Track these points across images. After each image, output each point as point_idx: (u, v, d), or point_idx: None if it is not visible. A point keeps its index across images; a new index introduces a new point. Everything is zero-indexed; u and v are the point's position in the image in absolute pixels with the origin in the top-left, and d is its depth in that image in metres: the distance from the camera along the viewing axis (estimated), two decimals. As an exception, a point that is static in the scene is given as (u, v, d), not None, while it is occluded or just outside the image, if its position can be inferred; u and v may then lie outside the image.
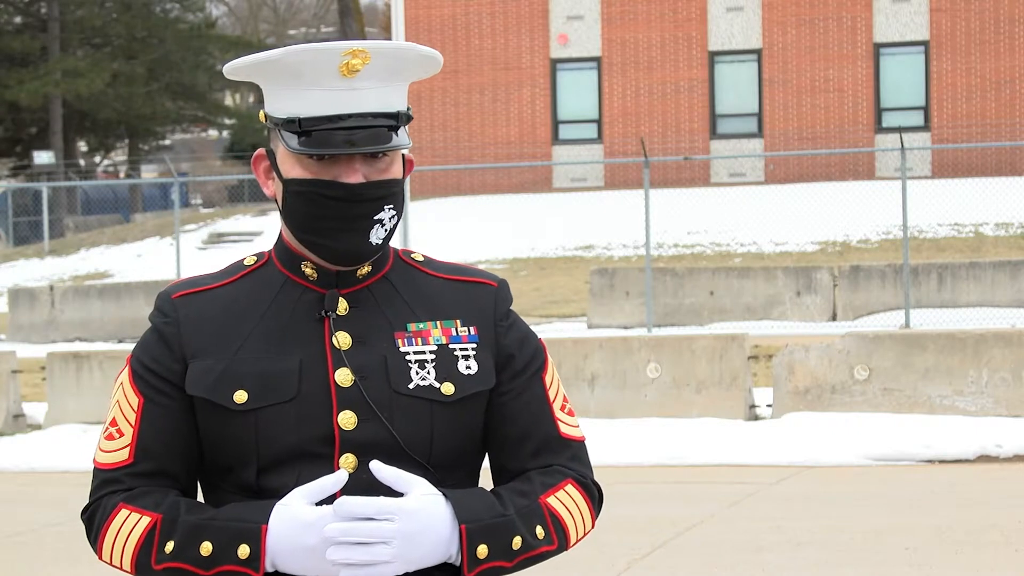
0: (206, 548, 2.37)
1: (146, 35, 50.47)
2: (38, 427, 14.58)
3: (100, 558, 2.48)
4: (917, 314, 20.66)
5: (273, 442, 2.43)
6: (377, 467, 2.36)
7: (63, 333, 23.57)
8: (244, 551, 2.35)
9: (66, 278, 32.56)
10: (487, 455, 2.59)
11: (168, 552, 2.39)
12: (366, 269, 2.52)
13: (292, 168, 2.46)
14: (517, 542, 2.42)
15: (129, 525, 2.43)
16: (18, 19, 49.51)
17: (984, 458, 11.62)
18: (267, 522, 2.35)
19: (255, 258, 2.57)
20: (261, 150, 2.55)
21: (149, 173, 59.45)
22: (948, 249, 27.04)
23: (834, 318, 21.27)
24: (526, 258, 29.12)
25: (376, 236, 2.46)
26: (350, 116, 2.42)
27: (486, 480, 2.54)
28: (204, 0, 55.49)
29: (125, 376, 2.52)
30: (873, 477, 11.11)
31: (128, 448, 2.48)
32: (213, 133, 67.27)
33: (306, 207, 2.44)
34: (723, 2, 37.10)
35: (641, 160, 22.49)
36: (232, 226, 36.79)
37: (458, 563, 2.39)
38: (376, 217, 2.45)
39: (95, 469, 2.52)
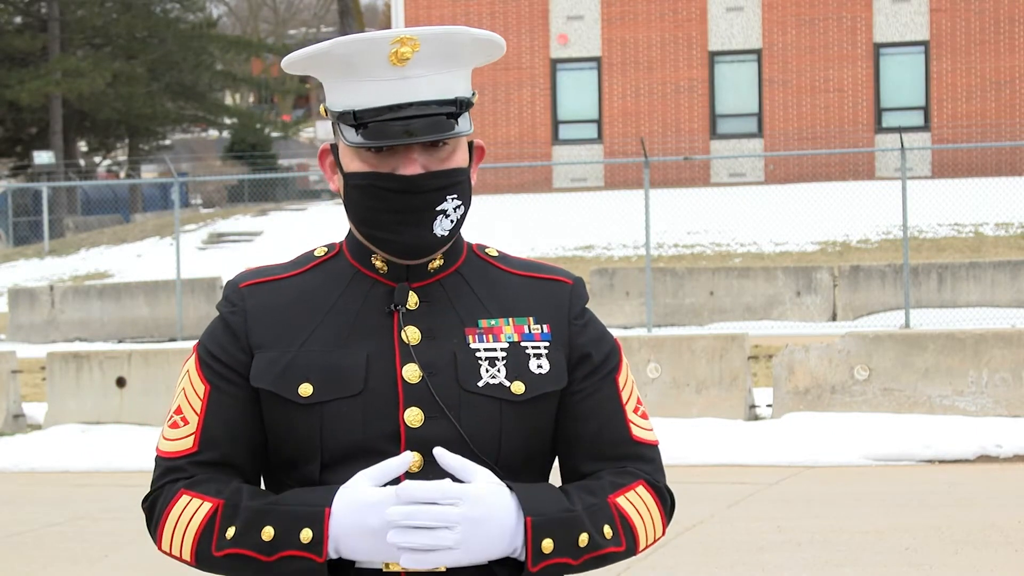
0: (268, 533, 2.30)
1: (146, 35, 50.44)
2: (38, 427, 14.58)
3: (160, 548, 2.43)
4: (917, 314, 20.67)
5: (337, 437, 2.37)
6: (440, 453, 2.31)
7: (63, 333, 23.58)
8: (307, 535, 2.28)
9: (66, 278, 32.56)
10: (557, 457, 2.53)
11: (229, 538, 2.33)
12: (438, 263, 2.46)
13: (352, 161, 2.41)
14: (584, 539, 2.34)
15: (190, 511, 2.37)
16: (18, 19, 49.48)
17: (984, 458, 11.62)
18: (331, 505, 2.29)
19: (326, 249, 2.52)
20: (326, 144, 2.50)
21: (149, 173, 59.44)
22: (948, 249, 27.04)
23: (834, 318, 21.28)
24: (526, 258, 29.07)
25: (441, 228, 2.40)
26: (407, 105, 2.35)
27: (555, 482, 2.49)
28: (204, 0, 55.45)
29: (191, 364, 2.47)
30: (873, 477, 11.12)
31: (193, 436, 2.43)
32: (213, 133, 67.24)
33: (366, 200, 2.40)
34: (723, 2, 37.10)
35: (641, 160, 22.50)
36: (232, 226, 36.77)
37: (522, 557, 2.32)
38: (439, 208, 2.39)
39: (157, 458, 2.46)
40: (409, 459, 2.29)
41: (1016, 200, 27.64)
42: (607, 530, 2.38)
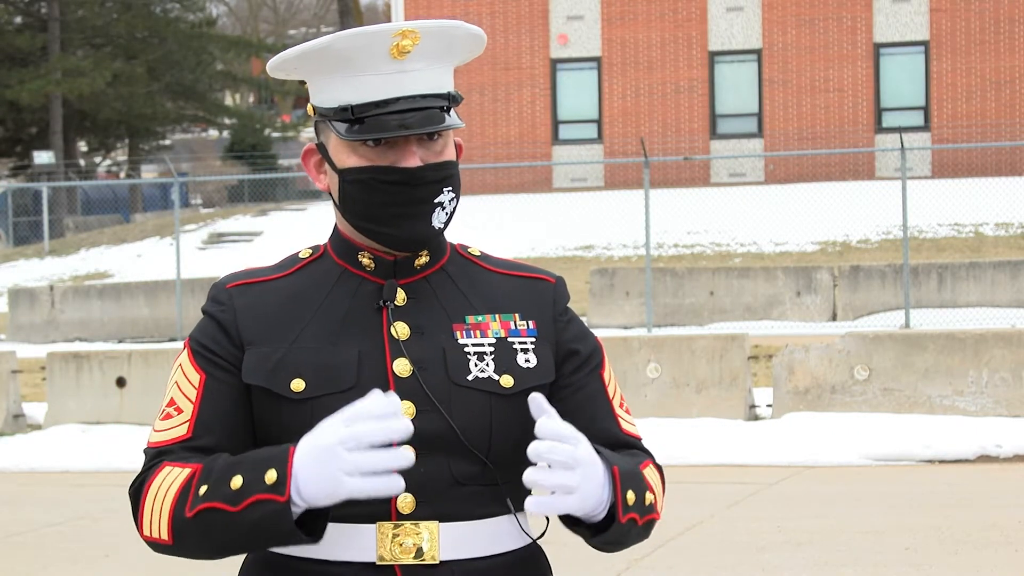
0: (236, 482, 2.25)
1: (146, 35, 50.45)
2: (38, 427, 14.58)
3: (142, 534, 2.37)
4: (917, 314, 20.66)
5: None
6: (539, 397, 2.27)
7: (63, 333, 23.57)
8: (271, 476, 2.22)
9: (66, 278, 32.56)
10: None
11: (201, 495, 2.28)
12: (424, 259, 2.49)
13: (347, 157, 2.42)
14: (648, 498, 2.37)
15: (169, 479, 2.33)
16: (18, 19, 49.48)
17: (984, 458, 11.62)
18: (297, 444, 2.24)
19: (310, 251, 2.54)
20: (311, 144, 2.50)
21: (149, 173, 59.44)
22: (948, 249, 27.05)
23: (834, 318, 21.27)
24: (526, 258, 29.12)
25: (438, 220, 2.43)
26: (402, 99, 2.38)
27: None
28: (204, 0, 55.44)
29: (184, 357, 2.46)
30: (873, 477, 11.12)
31: (187, 424, 2.40)
32: (213, 133, 67.25)
33: (366, 195, 2.41)
34: (723, 2, 37.10)
35: (641, 160, 22.49)
36: (232, 226, 36.77)
37: (602, 515, 2.32)
38: (436, 200, 2.42)
39: (146, 450, 2.42)
40: (378, 395, 2.23)
41: (1016, 200, 27.64)
42: (650, 496, 2.40)
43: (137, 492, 2.39)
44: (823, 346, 13.14)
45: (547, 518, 2.49)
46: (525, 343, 2.47)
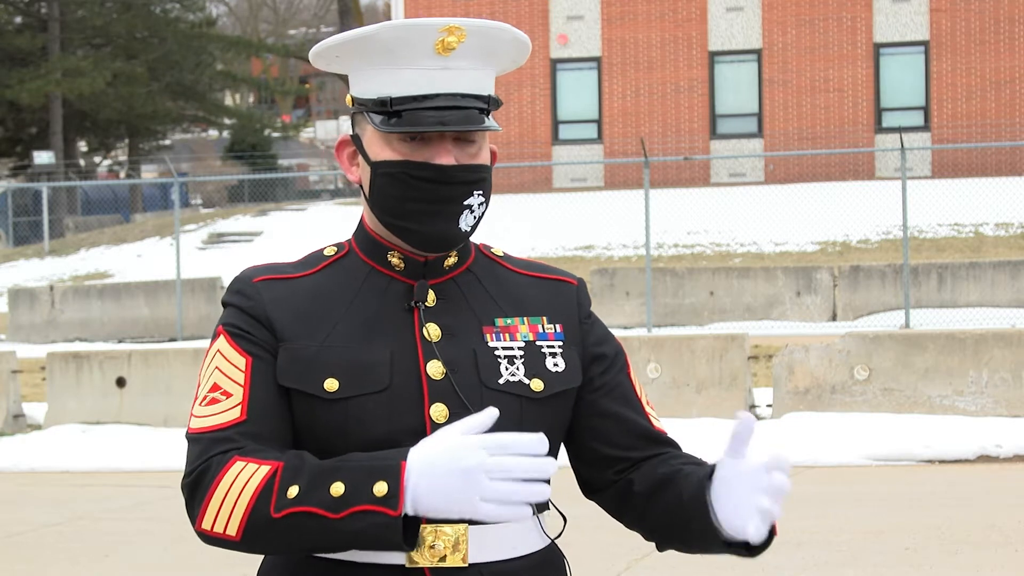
0: (337, 488, 2.21)
1: (146, 35, 50.44)
2: (38, 427, 14.58)
3: (200, 526, 2.30)
4: (917, 314, 20.67)
5: (362, 432, 2.35)
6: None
7: (63, 333, 23.57)
8: (381, 488, 2.19)
9: (66, 278, 32.56)
10: (581, 454, 2.54)
11: (291, 497, 2.23)
12: (452, 260, 2.47)
13: (381, 150, 2.40)
14: None
15: (245, 476, 2.27)
16: (18, 19, 49.47)
17: (984, 458, 11.62)
18: (406, 459, 2.21)
19: (335, 248, 2.51)
20: (346, 135, 2.49)
21: (149, 173, 59.46)
22: (948, 249, 27.04)
23: (834, 318, 21.27)
24: (526, 258, 29.05)
25: (465, 223, 2.41)
26: (442, 96, 2.37)
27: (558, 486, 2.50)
28: (204, 0, 55.44)
29: (222, 343, 2.41)
30: (873, 477, 11.12)
31: (240, 406, 2.35)
32: (213, 133, 67.27)
33: (396, 189, 2.38)
34: (723, 2, 37.10)
35: (641, 160, 22.49)
36: (232, 226, 36.76)
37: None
38: (466, 202, 2.40)
39: (195, 437, 2.35)
40: (494, 414, 2.23)
41: (1016, 200, 27.64)
42: None
43: (196, 484, 2.32)
44: (823, 346, 13.14)
45: (564, 520, 2.52)
46: (553, 347, 2.47)
